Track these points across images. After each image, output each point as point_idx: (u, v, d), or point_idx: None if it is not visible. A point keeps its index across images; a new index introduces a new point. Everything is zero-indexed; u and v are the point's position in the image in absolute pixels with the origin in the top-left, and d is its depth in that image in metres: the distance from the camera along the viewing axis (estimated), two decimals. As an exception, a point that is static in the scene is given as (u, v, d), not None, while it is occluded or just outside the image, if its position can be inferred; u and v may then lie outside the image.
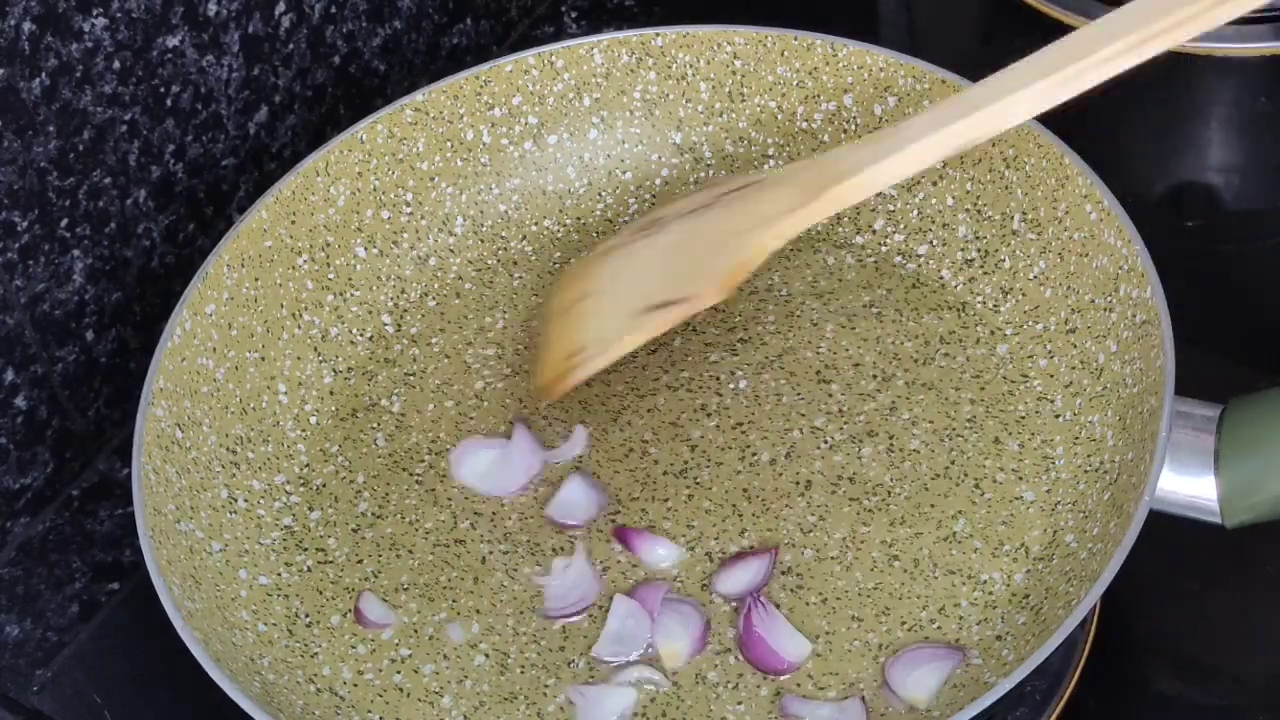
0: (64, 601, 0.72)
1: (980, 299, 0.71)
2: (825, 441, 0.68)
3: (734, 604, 0.63)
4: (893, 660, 0.60)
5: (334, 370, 0.73)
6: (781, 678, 0.61)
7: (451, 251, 0.76)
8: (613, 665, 0.62)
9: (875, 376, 0.70)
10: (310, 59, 0.82)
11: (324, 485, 0.69)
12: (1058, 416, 0.67)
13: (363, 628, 0.64)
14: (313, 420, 0.71)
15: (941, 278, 0.73)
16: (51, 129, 0.69)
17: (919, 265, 0.73)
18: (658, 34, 0.76)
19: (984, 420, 0.68)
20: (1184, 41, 0.56)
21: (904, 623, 0.62)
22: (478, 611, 0.64)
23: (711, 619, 0.63)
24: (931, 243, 0.73)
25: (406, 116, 0.75)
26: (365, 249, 0.75)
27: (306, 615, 0.65)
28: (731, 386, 0.70)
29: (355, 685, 0.63)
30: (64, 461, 0.76)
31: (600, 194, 0.78)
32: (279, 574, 0.66)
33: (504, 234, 0.77)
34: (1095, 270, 0.66)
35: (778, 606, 0.62)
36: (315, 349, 0.73)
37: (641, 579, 0.64)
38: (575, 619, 0.63)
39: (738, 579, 0.63)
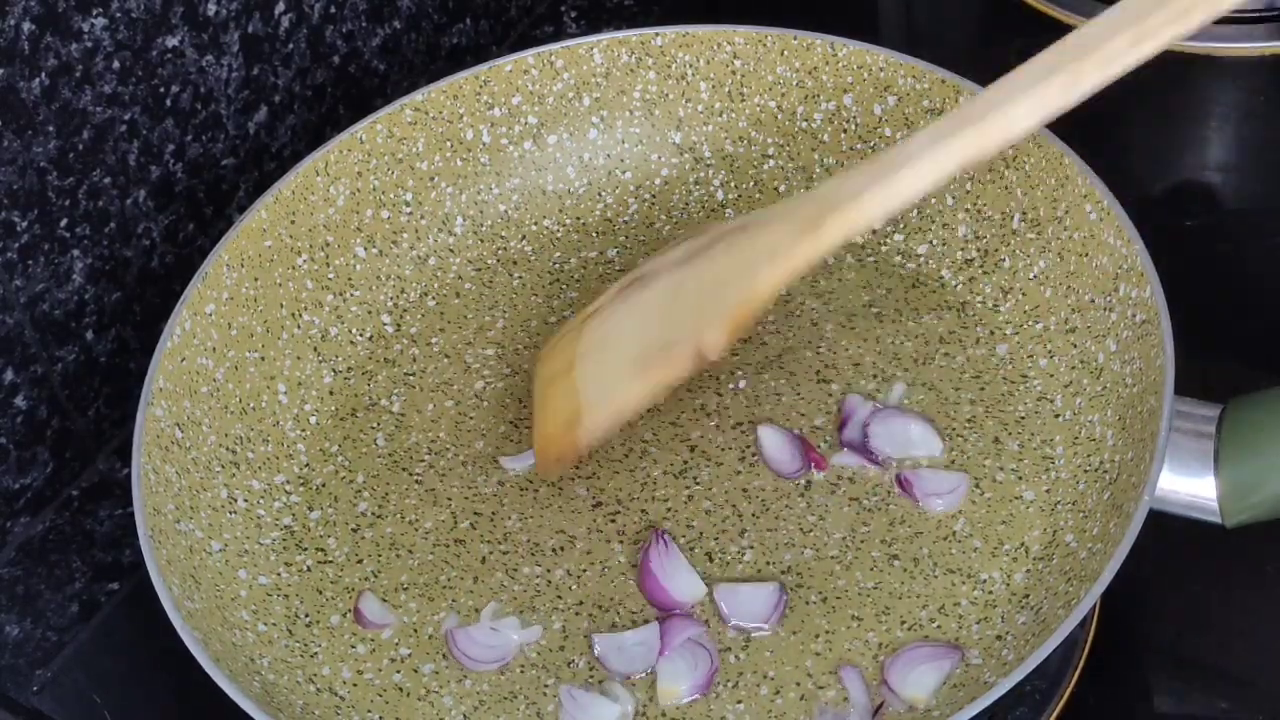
0: (64, 601, 0.72)
1: (980, 299, 0.71)
2: (825, 441, 0.68)
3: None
4: (892, 659, 0.60)
5: (334, 370, 0.73)
6: (674, 617, 0.62)
7: (451, 251, 0.76)
8: (609, 671, 0.62)
9: (875, 376, 0.70)
10: (310, 59, 0.82)
11: (324, 485, 0.69)
12: (1057, 416, 0.67)
13: (362, 628, 0.64)
14: (313, 420, 0.71)
15: (941, 278, 0.73)
16: (51, 129, 0.69)
17: (919, 265, 0.73)
18: (657, 34, 0.76)
19: (984, 420, 0.67)
20: (1188, 33, 0.54)
21: (904, 622, 0.62)
22: (477, 611, 0.64)
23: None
24: (931, 243, 0.73)
25: (406, 116, 0.75)
26: (365, 249, 0.75)
27: (306, 615, 0.65)
28: (731, 386, 0.70)
29: (355, 685, 0.63)
30: (64, 461, 0.75)
31: (600, 194, 0.78)
32: (279, 574, 0.66)
33: (504, 234, 0.77)
34: (1095, 270, 0.66)
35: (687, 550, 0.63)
36: (315, 349, 0.73)
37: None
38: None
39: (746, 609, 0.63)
